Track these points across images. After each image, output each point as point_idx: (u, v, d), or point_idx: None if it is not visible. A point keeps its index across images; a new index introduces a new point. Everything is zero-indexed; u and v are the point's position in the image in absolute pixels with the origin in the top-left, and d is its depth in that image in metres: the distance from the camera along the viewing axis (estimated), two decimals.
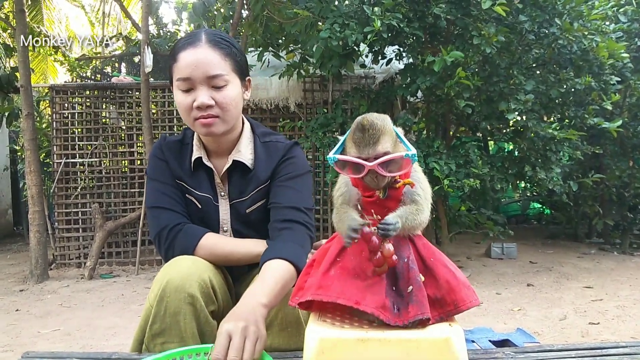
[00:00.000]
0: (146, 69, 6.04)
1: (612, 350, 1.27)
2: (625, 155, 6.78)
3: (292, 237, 1.50)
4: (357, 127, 1.00)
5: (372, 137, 0.98)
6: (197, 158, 1.61)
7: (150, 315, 1.35)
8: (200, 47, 1.47)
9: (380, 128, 0.99)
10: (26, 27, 5.96)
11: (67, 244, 6.71)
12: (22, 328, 4.18)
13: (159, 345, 1.34)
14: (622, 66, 5.66)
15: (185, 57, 1.46)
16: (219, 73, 1.47)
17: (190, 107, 1.48)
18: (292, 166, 1.63)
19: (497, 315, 4.23)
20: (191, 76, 1.46)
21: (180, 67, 1.47)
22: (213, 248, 1.51)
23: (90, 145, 6.82)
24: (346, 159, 0.99)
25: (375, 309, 0.94)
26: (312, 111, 6.56)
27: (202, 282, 1.36)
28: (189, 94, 1.48)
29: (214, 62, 1.47)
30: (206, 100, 1.46)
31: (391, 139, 1.00)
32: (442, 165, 4.95)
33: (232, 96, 1.51)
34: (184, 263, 1.41)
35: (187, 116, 1.51)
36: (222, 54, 1.49)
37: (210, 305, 1.39)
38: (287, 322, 1.33)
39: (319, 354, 0.93)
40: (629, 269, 5.85)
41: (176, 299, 1.32)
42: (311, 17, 5.12)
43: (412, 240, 1.04)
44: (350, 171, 1.00)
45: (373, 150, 0.98)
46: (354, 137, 1.00)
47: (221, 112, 1.50)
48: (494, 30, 4.73)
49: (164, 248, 1.54)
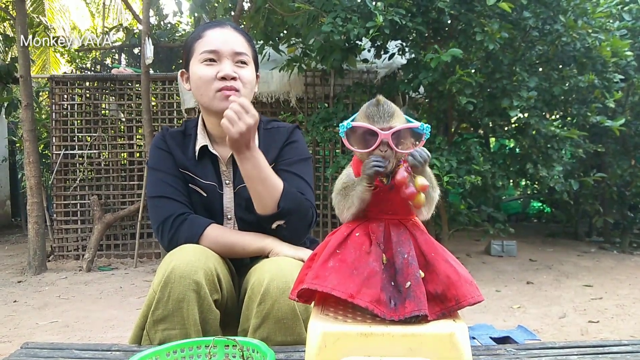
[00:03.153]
0: (147, 61, 6.02)
1: (614, 348, 1.27)
2: (627, 154, 6.78)
3: None
4: (372, 102, 1.01)
5: (386, 111, 0.98)
6: (202, 146, 1.63)
7: (153, 301, 1.34)
8: (227, 28, 1.60)
9: (393, 106, 1.01)
10: (26, 17, 5.95)
11: (65, 236, 6.71)
12: (20, 319, 4.17)
13: (160, 332, 1.33)
14: (625, 64, 5.65)
15: (213, 33, 1.57)
16: (243, 51, 1.58)
17: (213, 77, 1.54)
18: (294, 151, 1.67)
19: (497, 312, 4.23)
20: (218, 49, 1.54)
21: (207, 42, 1.56)
22: (217, 239, 1.51)
23: (89, 137, 6.82)
24: (361, 125, 0.98)
25: (369, 302, 0.94)
26: (313, 105, 6.55)
27: (207, 270, 1.36)
28: (213, 66, 1.55)
29: (239, 41, 1.59)
30: (231, 71, 1.53)
31: (402, 118, 1.01)
32: (442, 161, 4.93)
33: (251, 77, 1.60)
34: (190, 250, 1.40)
35: (208, 88, 1.55)
36: (246, 39, 1.62)
37: (214, 294, 1.38)
38: (282, 314, 1.32)
39: (322, 348, 0.92)
40: (629, 267, 5.86)
41: (181, 285, 1.31)
42: (313, 10, 5.09)
43: (413, 236, 1.03)
44: (360, 145, 0.99)
45: (387, 123, 0.98)
46: (368, 111, 1.00)
47: (242, 87, 1.56)
48: (497, 27, 4.70)
49: (167, 237, 1.53)
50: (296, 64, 5.72)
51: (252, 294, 1.37)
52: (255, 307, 1.34)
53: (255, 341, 1.11)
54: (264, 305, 1.32)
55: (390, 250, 0.99)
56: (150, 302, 1.35)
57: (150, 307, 1.34)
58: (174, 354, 1.11)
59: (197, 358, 1.13)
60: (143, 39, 6.11)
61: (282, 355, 1.22)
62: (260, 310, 1.33)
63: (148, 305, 1.36)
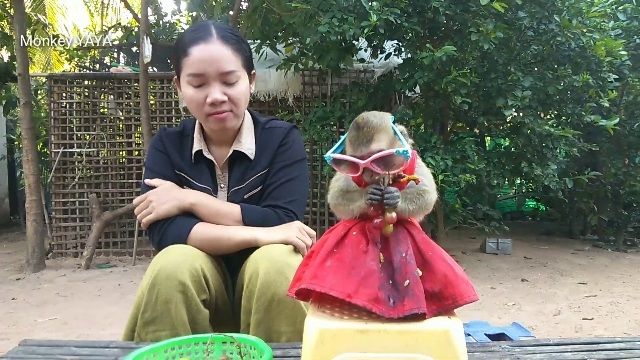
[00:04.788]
0: (145, 60, 6.01)
1: (607, 345, 1.27)
2: (621, 153, 6.81)
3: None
4: (353, 125, 1.01)
5: (365, 135, 0.98)
6: (197, 151, 1.62)
7: (142, 303, 1.34)
8: (212, 42, 1.47)
9: (375, 126, 0.99)
10: (24, 16, 5.93)
11: (64, 234, 6.71)
12: (19, 317, 4.19)
13: (150, 334, 1.34)
14: (620, 63, 5.65)
15: (198, 53, 1.46)
16: (232, 69, 1.49)
17: (203, 102, 1.49)
18: (288, 153, 1.64)
19: (492, 309, 4.26)
20: (204, 72, 1.46)
21: (192, 63, 1.47)
22: (203, 235, 1.50)
23: (88, 135, 6.81)
24: (340, 157, 0.99)
25: (367, 302, 0.94)
26: (311, 104, 6.55)
27: (193, 270, 1.36)
28: (201, 89, 1.49)
29: (226, 58, 1.48)
30: (220, 96, 1.48)
31: (387, 136, 1.00)
32: (438, 160, 4.97)
33: (243, 91, 1.54)
34: (175, 251, 1.41)
35: (199, 111, 1.53)
36: (233, 50, 1.50)
37: (202, 294, 1.39)
38: (284, 305, 1.33)
39: (319, 345, 0.93)
40: (623, 265, 5.90)
41: (167, 287, 1.32)
42: (310, 9, 5.11)
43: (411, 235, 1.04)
44: (347, 170, 1.01)
45: (366, 148, 0.98)
46: (350, 136, 1.01)
47: (234, 107, 1.53)
48: (492, 27, 4.73)
49: (157, 239, 1.54)
50: (293, 63, 5.74)
51: (250, 287, 1.37)
52: (255, 301, 1.35)
53: (252, 338, 1.11)
54: (264, 299, 1.33)
55: (388, 249, 1.00)
56: (139, 304, 1.36)
57: (139, 309, 1.35)
58: (172, 350, 1.11)
59: (194, 355, 1.12)
60: (141, 37, 6.11)
61: (279, 352, 1.22)
62: (261, 304, 1.34)
63: (137, 307, 1.37)
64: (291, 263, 1.36)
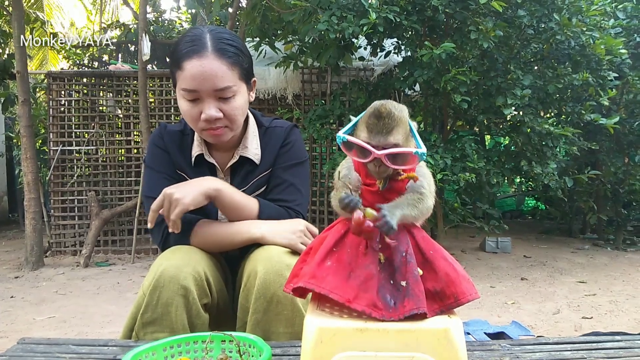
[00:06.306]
0: (143, 57, 6.01)
1: (607, 344, 1.27)
2: (621, 152, 6.80)
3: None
4: (374, 112, 0.98)
5: (386, 126, 0.96)
6: (198, 155, 1.60)
7: (142, 304, 1.34)
8: (207, 57, 1.42)
9: (396, 119, 0.97)
10: (23, 13, 5.92)
11: (62, 232, 6.70)
12: (17, 315, 4.18)
13: (149, 334, 1.34)
14: (620, 62, 5.66)
15: (191, 68, 1.41)
16: (226, 85, 1.44)
17: (197, 118, 1.47)
18: (289, 154, 1.64)
19: (491, 308, 4.26)
20: (198, 89, 1.43)
21: (186, 78, 1.43)
22: (207, 233, 1.50)
23: (86, 133, 6.80)
24: (355, 141, 0.96)
25: (366, 307, 0.93)
26: (310, 102, 6.55)
27: (196, 274, 1.36)
28: (195, 104, 1.46)
29: (221, 74, 1.43)
30: (214, 113, 1.45)
31: (404, 132, 0.98)
32: (437, 159, 4.96)
33: (239, 106, 1.50)
34: (179, 254, 1.40)
35: (194, 125, 1.51)
36: (229, 64, 1.45)
37: (204, 299, 1.38)
38: (282, 306, 1.33)
39: (318, 344, 0.92)
40: (622, 264, 5.89)
41: (169, 290, 1.32)
42: (309, 7, 5.10)
43: (411, 233, 1.03)
44: (355, 154, 0.98)
45: (384, 139, 0.96)
46: (368, 122, 0.98)
47: (229, 123, 1.49)
48: (491, 25, 4.73)
49: (160, 238, 1.53)
50: (292, 61, 5.73)
51: (248, 286, 1.37)
52: (253, 301, 1.34)
53: (251, 336, 1.11)
54: (263, 299, 1.33)
55: (388, 249, 0.99)
56: (140, 304, 1.35)
57: (140, 309, 1.35)
58: (171, 349, 1.11)
59: (193, 353, 1.13)
60: (140, 35, 6.10)
61: (279, 350, 1.21)
62: (260, 304, 1.33)
63: (137, 307, 1.36)
64: (291, 264, 1.34)
